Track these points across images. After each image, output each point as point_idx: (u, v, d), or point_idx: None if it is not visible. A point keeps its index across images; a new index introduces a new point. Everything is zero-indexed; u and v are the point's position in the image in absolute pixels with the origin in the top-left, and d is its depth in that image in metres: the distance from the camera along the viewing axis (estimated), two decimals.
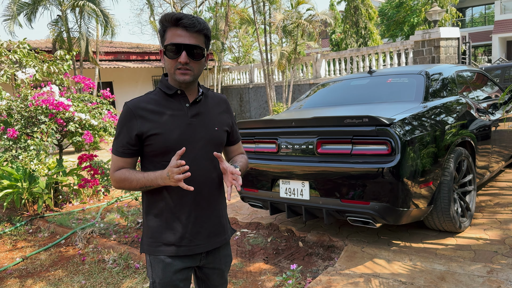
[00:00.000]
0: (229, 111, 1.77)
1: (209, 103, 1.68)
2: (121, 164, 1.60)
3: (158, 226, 1.60)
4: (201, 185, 1.59)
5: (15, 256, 4.12)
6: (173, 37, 1.51)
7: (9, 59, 6.99)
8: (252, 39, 25.19)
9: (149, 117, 1.55)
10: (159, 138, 1.54)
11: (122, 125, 1.57)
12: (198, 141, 1.59)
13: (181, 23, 1.49)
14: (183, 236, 1.59)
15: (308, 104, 4.61)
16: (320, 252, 3.59)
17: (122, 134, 1.57)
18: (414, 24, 21.62)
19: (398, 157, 2.95)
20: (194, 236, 1.61)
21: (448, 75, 4.24)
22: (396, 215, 3.07)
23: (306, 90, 14.12)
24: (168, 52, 1.52)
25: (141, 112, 1.55)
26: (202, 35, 1.55)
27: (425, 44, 10.12)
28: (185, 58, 1.50)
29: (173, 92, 1.58)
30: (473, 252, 3.22)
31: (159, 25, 1.57)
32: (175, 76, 1.54)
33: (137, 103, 1.57)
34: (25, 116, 5.15)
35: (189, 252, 1.60)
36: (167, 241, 1.59)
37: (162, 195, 1.58)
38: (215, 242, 1.67)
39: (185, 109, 1.59)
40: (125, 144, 1.57)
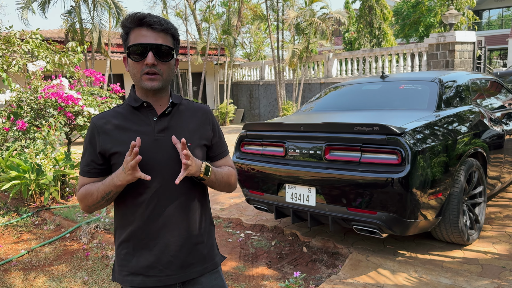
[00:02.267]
0: (210, 122, 1.54)
1: (183, 115, 1.48)
2: (86, 182, 1.44)
3: (126, 254, 1.44)
4: (173, 210, 1.42)
5: (20, 248, 4.15)
6: (137, 38, 1.35)
7: (22, 49, 7.03)
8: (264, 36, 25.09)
9: (112, 134, 1.40)
10: (121, 157, 1.36)
11: (87, 142, 1.44)
12: (167, 159, 1.40)
13: (145, 22, 1.35)
14: (152, 265, 1.42)
15: (318, 107, 4.55)
16: (324, 259, 3.56)
17: (87, 151, 1.44)
18: (430, 25, 21.34)
19: (408, 167, 2.89)
20: (165, 266, 1.42)
21: (462, 82, 4.15)
22: (403, 226, 3.02)
23: (316, 89, 14.03)
24: (132, 55, 1.36)
25: (104, 128, 1.41)
26: (170, 35, 1.40)
27: (440, 47, 9.96)
28: (152, 59, 1.34)
29: (139, 104, 1.41)
30: (481, 267, 3.15)
31: (121, 29, 1.41)
32: (141, 83, 1.38)
33: (101, 118, 1.43)
34: (35, 109, 5.17)
35: (159, 283, 1.43)
36: (135, 270, 1.43)
37: (129, 220, 1.42)
38: (191, 272, 1.47)
39: (152, 124, 1.41)
40: (90, 162, 1.43)
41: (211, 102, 19.08)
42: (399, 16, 23.74)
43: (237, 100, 17.84)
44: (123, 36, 1.40)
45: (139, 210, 1.40)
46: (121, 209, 1.45)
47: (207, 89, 18.94)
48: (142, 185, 1.39)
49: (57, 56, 7.02)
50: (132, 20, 1.36)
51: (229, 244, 4.00)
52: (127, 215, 1.43)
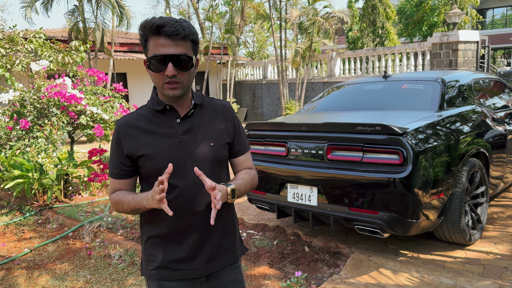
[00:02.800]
0: (231, 118, 1.57)
1: (205, 114, 1.51)
2: (118, 186, 1.49)
3: (153, 249, 1.51)
4: (198, 207, 1.46)
5: (24, 247, 4.17)
6: (156, 48, 1.35)
7: (25, 48, 7.06)
8: (267, 35, 25.08)
9: (138, 137, 1.44)
10: (148, 159, 1.43)
11: (114, 145, 1.48)
12: (192, 160, 1.44)
13: (164, 31, 1.32)
14: (179, 260, 1.48)
15: (320, 107, 4.55)
16: (326, 259, 3.56)
17: (115, 154, 1.48)
18: (433, 24, 21.27)
19: (409, 167, 2.89)
20: (191, 260, 1.49)
21: (464, 82, 4.14)
22: (405, 226, 3.02)
23: (319, 88, 14.01)
24: (152, 66, 1.37)
25: (129, 131, 1.45)
26: (189, 41, 1.38)
27: (443, 46, 9.93)
28: (172, 71, 1.34)
29: (162, 107, 1.44)
30: (482, 267, 3.15)
31: (139, 33, 1.40)
32: (164, 91, 1.40)
33: (126, 121, 1.47)
34: (38, 108, 5.19)
35: (185, 276, 1.49)
36: (162, 264, 1.49)
37: (158, 217, 1.47)
38: (215, 265, 1.53)
39: (175, 126, 1.45)
40: (119, 165, 1.47)
41: None
42: (403, 15, 23.68)
43: (240, 99, 17.85)
44: (142, 42, 1.41)
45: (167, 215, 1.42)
46: None
47: (210, 88, 18.96)
48: (170, 185, 1.42)
49: (60, 55, 7.05)
50: (149, 28, 1.34)
51: None
52: (156, 213, 1.46)
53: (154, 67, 1.36)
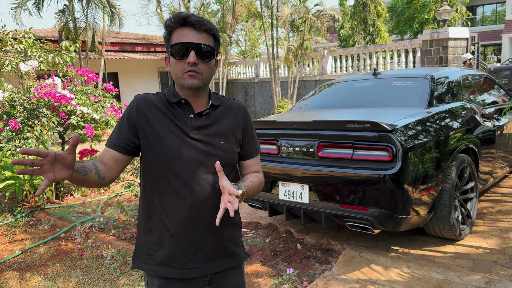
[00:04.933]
0: (244, 119, 1.57)
1: (219, 113, 1.51)
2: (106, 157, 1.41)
3: (152, 243, 1.46)
4: (202, 203, 1.43)
5: (15, 248, 4.14)
6: (180, 37, 1.39)
7: (15, 49, 6.99)
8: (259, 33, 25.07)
9: (152, 118, 1.42)
10: (156, 146, 1.41)
11: (124, 118, 1.44)
12: (200, 156, 1.43)
13: (189, 21, 1.38)
14: (176, 256, 1.44)
15: (311, 105, 4.57)
16: (318, 255, 3.58)
17: (123, 126, 1.43)
18: (424, 21, 21.40)
19: (399, 164, 2.91)
20: (189, 258, 1.45)
21: (454, 79, 4.18)
22: (395, 222, 3.05)
23: (311, 86, 14.04)
24: (175, 53, 1.39)
25: (146, 110, 1.43)
26: (211, 35, 1.43)
27: (433, 43, 10.00)
28: (193, 57, 1.36)
29: (177, 100, 1.44)
30: (472, 262, 3.19)
31: (164, 30, 1.44)
32: (183, 80, 1.40)
33: (146, 98, 1.45)
34: (28, 108, 5.15)
35: (182, 275, 1.45)
36: (160, 260, 1.45)
37: (158, 208, 1.44)
38: (214, 266, 1.49)
39: (187, 121, 1.44)
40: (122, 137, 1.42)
41: None
42: (394, 13, 23.79)
43: (233, 97, 17.80)
44: (166, 36, 1.44)
45: (169, 201, 1.42)
46: (150, 196, 1.46)
47: None
48: (174, 176, 1.41)
49: (50, 55, 6.99)
50: (175, 19, 1.39)
51: None
52: (155, 204, 1.45)
53: (176, 54, 1.39)
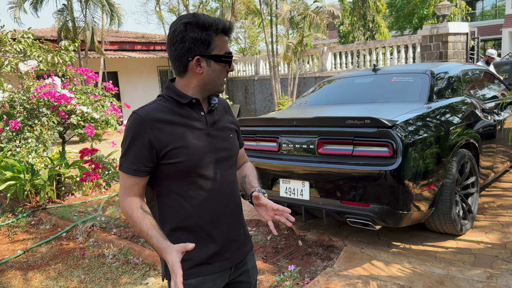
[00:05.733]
0: (232, 113, 1.67)
1: (220, 109, 1.57)
2: (132, 183, 1.39)
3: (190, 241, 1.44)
4: (228, 197, 1.49)
5: (17, 248, 4.15)
6: (225, 46, 1.42)
7: (14, 49, 6.98)
8: (258, 30, 25.03)
9: (167, 129, 1.38)
10: (183, 151, 1.38)
11: (135, 139, 1.37)
12: (220, 151, 1.48)
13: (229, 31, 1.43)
14: (215, 253, 1.48)
15: (311, 102, 4.56)
16: (319, 252, 3.58)
17: (137, 148, 1.37)
18: (424, 17, 21.34)
19: (399, 160, 2.91)
20: (225, 250, 1.50)
21: (453, 74, 4.17)
22: (396, 218, 3.05)
23: (311, 83, 14.02)
24: (225, 61, 1.43)
25: (156, 124, 1.37)
26: None
27: (433, 39, 9.97)
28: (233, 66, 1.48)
29: (188, 100, 1.42)
30: (473, 256, 3.19)
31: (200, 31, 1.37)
32: (220, 87, 1.47)
33: (150, 112, 1.39)
34: (28, 108, 5.15)
35: (221, 268, 1.49)
36: (198, 262, 1.45)
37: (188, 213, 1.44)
38: (242, 252, 1.57)
39: (202, 119, 1.45)
40: (140, 160, 1.37)
41: None
42: (393, 8, 23.73)
43: (233, 95, 17.82)
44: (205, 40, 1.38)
45: (201, 203, 1.43)
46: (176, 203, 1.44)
47: None
48: (202, 178, 1.43)
49: (50, 55, 6.98)
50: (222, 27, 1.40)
51: None
52: (184, 209, 1.43)
53: (226, 62, 1.43)
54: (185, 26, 1.37)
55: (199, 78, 1.43)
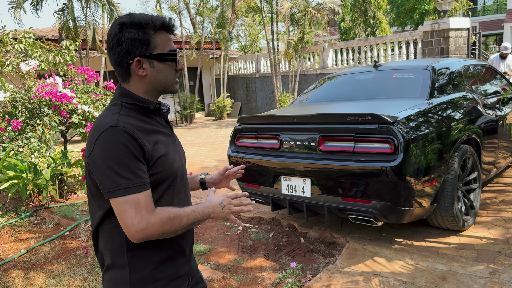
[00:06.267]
0: None
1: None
2: (147, 199, 1.21)
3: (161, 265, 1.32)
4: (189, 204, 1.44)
5: (20, 248, 4.17)
6: (168, 43, 1.31)
7: (15, 49, 6.99)
8: (259, 28, 24.98)
9: (151, 137, 1.27)
10: (167, 159, 1.29)
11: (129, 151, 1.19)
12: (183, 158, 1.43)
13: (170, 27, 1.32)
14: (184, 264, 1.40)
15: (312, 99, 4.56)
16: (322, 249, 3.58)
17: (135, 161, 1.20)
18: (425, 12, 21.24)
19: (401, 156, 2.91)
20: (190, 261, 1.44)
21: (455, 69, 4.16)
22: (398, 214, 3.04)
23: (312, 80, 14.00)
24: (170, 59, 1.32)
25: (140, 133, 1.24)
26: None
27: (434, 34, 9.93)
28: (182, 65, 1.35)
29: (154, 106, 1.33)
30: (476, 252, 3.18)
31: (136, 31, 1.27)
32: (172, 87, 1.35)
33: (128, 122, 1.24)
34: (29, 108, 5.16)
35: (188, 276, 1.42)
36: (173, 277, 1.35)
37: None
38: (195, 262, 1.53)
39: (165, 124, 1.39)
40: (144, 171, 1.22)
41: (208, 96, 19.05)
42: (394, 4, 23.63)
43: (234, 93, 17.81)
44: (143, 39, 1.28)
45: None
46: None
47: (204, 83, 18.91)
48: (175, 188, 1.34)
49: (51, 55, 6.99)
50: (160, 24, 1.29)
51: (227, 237, 4.02)
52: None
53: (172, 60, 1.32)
54: (120, 28, 1.26)
55: (146, 81, 1.31)
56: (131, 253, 1.28)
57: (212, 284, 3.04)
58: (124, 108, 1.30)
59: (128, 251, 1.28)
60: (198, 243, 3.89)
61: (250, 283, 3.07)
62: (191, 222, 1.27)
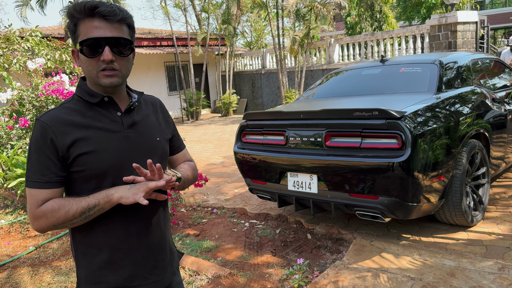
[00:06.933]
0: (167, 114, 1.49)
1: (145, 109, 1.39)
2: (47, 196, 1.21)
3: (102, 269, 1.27)
4: (151, 209, 1.32)
5: (28, 244, 4.20)
6: (89, 31, 1.20)
7: (22, 47, 7.03)
8: (264, 24, 24.90)
9: (75, 133, 1.22)
10: (92, 157, 1.22)
11: (39, 147, 1.21)
12: (140, 156, 1.30)
13: (98, 12, 1.19)
14: (136, 274, 1.30)
15: (318, 94, 4.53)
16: (329, 245, 3.57)
17: (42, 157, 1.20)
18: (432, 6, 21.03)
19: (408, 151, 2.88)
20: (150, 272, 1.33)
21: (463, 63, 4.11)
22: (405, 210, 3.02)
23: (319, 75, 13.94)
24: (86, 50, 1.21)
25: (61, 128, 1.21)
26: (125, 25, 1.26)
27: (442, 28, 9.83)
28: (109, 55, 1.20)
29: (99, 99, 1.26)
30: (485, 248, 3.15)
31: (68, 19, 1.24)
32: (98, 80, 1.23)
33: (55, 117, 1.22)
34: (36, 106, 5.19)
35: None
36: (116, 284, 1.28)
37: (102, 229, 1.27)
38: (170, 273, 1.42)
39: (118, 120, 1.29)
40: (49, 170, 1.20)
41: (214, 93, 19.05)
42: None
43: (240, 90, 17.79)
44: (71, 27, 1.24)
45: (114, 217, 1.26)
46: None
47: (209, 80, 18.90)
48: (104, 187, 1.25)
49: (57, 53, 7.02)
50: (81, 9, 1.20)
51: (234, 233, 4.02)
52: (98, 225, 1.27)
53: (88, 51, 1.21)
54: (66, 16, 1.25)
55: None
56: (78, 251, 1.31)
57: (219, 281, 3.05)
58: (74, 100, 1.30)
59: (77, 249, 1.32)
60: (205, 239, 3.90)
61: (258, 279, 3.07)
62: (83, 209, 1.18)
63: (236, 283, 3.03)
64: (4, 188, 5.91)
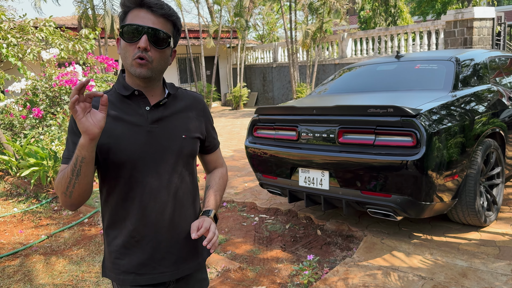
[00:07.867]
0: (204, 112, 1.49)
1: (178, 105, 1.40)
2: None
3: (117, 252, 1.36)
4: (166, 204, 1.35)
5: (41, 233, 4.26)
6: (134, 19, 1.25)
7: (36, 37, 7.08)
8: (277, 17, 24.73)
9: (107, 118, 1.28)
10: (113, 148, 1.27)
11: (72, 130, 1.29)
12: (162, 152, 1.33)
13: (146, 3, 1.24)
14: (144, 263, 1.35)
15: (331, 90, 4.49)
16: (339, 242, 3.56)
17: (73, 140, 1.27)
18: (447, 1, 20.70)
19: (423, 149, 2.84)
20: (158, 263, 1.37)
21: (479, 61, 4.03)
22: (418, 209, 2.99)
23: (331, 70, 13.84)
24: (125, 35, 1.24)
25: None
26: (170, 22, 1.29)
27: (457, 24, 9.67)
28: (145, 43, 1.22)
29: (130, 92, 1.30)
30: (498, 249, 3.11)
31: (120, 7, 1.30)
32: (131, 68, 1.26)
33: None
34: (50, 96, 5.23)
35: (152, 281, 1.37)
36: (126, 268, 1.35)
37: (122, 215, 1.34)
38: (185, 268, 1.43)
39: (144, 114, 1.31)
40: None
41: (225, 86, 19.04)
42: None
43: (251, 83, 17.75)
44: (121, 16, 1.30)
45: (132, 206, 1.32)
46: (111, 203, 1.35)
47: (220, 72, 18.88)
48: (134, 179, 1.31)
49: (70, 43, 7.06)
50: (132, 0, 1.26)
51: (244, 227, 4.03)
52: (118, 210, 1.34)
53: (126, 36, 1.24)
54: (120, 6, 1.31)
55: None
56: (104, 229, 1.41)
57: (229, 274, 3.05)
58: (111, 91, 1.36)
59: (104, 227, 1.41)
60: None
61: (267, 274, 3.07)
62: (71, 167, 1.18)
63: (245, 277, 3.03)
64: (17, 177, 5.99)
